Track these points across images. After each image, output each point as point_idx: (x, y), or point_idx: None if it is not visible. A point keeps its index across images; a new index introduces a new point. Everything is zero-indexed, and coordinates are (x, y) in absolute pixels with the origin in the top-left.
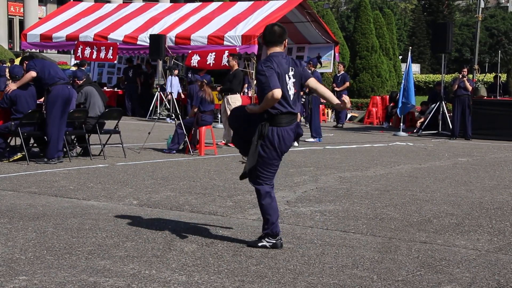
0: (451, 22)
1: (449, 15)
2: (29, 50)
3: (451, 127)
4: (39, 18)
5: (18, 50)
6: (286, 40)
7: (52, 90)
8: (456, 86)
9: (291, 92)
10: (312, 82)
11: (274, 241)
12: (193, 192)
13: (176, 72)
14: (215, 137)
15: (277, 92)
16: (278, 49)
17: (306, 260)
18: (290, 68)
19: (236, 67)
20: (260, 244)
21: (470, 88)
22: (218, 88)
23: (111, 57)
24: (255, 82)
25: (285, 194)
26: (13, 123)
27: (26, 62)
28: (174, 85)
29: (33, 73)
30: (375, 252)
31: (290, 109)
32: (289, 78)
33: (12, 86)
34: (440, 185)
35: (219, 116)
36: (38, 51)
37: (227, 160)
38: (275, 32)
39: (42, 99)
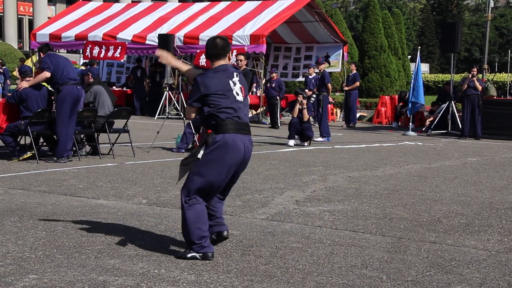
0: (460, 21)
1: (458, 15)
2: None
3: (460, 126)
4: (48, 18)
5: (27, 49)
6: (229, 53)
7: (62, 90)
8: (466, 85)
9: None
10: None
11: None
12: None
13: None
14: None
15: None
16: (222, 62)
17: (315, 260)
18: (235, 73)
19: (244, 66)
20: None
21: (479, 87)
22: None
23: (119, 55)
24: (263, 81)
25: (294, 194)
26: (22, 122)
27: (42, 55)
28: None
29: (47, 74)
30: (385, 252)
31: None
32: (234, 84)
33: (24, 84)
34: (450, 185)
35: None
36: None
37: None
38: (217, 45)
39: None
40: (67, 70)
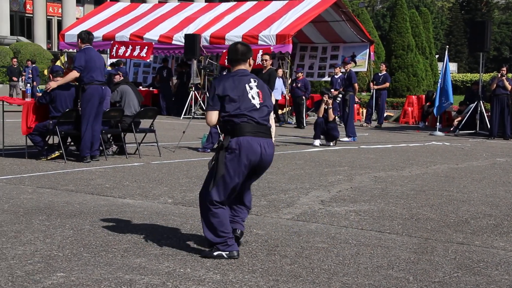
0: (489, 20)
1: (488, 13)
2: (67, 50)
3: (489, 126)
4: (77, 19)
5: (56, 50)
6: (251, 58)
7: (87, 89)
8: (495, 85)
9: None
10: None
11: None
12: None
13: (280, 72)
14: None
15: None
16: (242, 66)
17: (340, 260)
18: (252, 79)
19: (269, 66)
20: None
21: (509, 87)
22: None
23: (145, 55)
24: (289, 81)
25: (319, 194)
26: (51, 122)
27: (81, 43)
28: (277, 87)
29: (76, 74)
30: (411, 253)
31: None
32: (251, 88)
33: (52, 84)
34: (478, 185)
35: None
36: (75, 50)
37: None
38: (238, 51)
39: None
40: (96, 73)
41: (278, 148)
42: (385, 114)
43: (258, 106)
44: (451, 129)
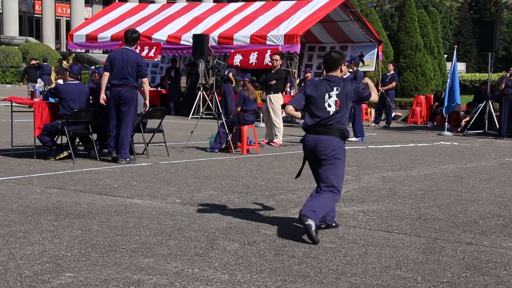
0: (498, 19)
1: (497, 13)
2: (75, 50)
3: (498, 126)
4: (85, 19)
5: (64, 50)
6: (342, 65)
7: (107, 94)
8: (504, 85)
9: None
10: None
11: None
12: (235, 191)
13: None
14: (257, 136)
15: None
16: (333, 73)
17: (348, 260)
18: (335, 88)
19: (279, 66)
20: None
21: None
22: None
23: (153, 55)
24: (297, 81)
25: None
26: (59, 122)
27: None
28: None
29: (107, 75)
30: (419, 253)
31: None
32: (330, 96)
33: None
34: (487, 185)
35: (261, 115)
36: (83, 51)
37: (269, 159)
38: (330, 59)
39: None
40: (115, 76)
41: (286, 148)
42: (393, 114)
43: (332, 113)
44: (460, 129)
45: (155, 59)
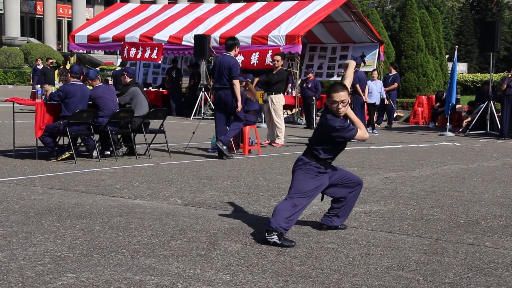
0: (500, 20)
1: (498, 13)
2: (77, 51)
3: (499, 127)
4: (87, 20)
5: (66, 51)
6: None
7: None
8: (505, 85)
9: None
10: None
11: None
12: (237, 192)
13: (375, 76)
14: (259, 136)
15: None
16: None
17: (350, 261)
18: None
19: (280, 67)
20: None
21: None
22: (257, 82)
23: (156, 57)
24: (299, 81)
25: None
26: (61, 122)
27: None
28: (371, 90)
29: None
30: (421, 254)
31: None
32: None
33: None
34: (488, 186)
35: (263, 115)
36: (85, 51)
37: (271, 160)
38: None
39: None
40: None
41: (288, 149)
42: (395, 115)
43: None
44: (461, 129)
45: (159, 61)
